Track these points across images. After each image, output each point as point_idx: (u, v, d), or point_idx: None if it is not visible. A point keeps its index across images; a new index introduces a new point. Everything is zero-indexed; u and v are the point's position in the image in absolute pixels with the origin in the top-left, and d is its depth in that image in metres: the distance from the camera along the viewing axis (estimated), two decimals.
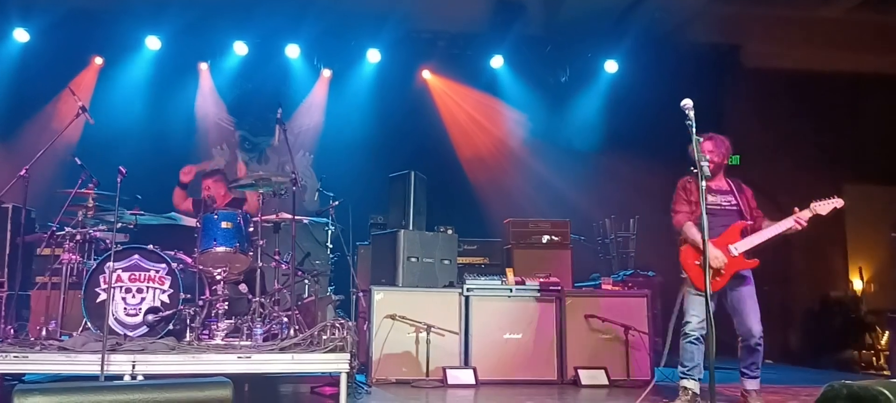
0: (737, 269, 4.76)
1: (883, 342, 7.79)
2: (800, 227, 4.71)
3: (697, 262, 4.64)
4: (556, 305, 6.30)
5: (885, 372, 7.28)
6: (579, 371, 6.07)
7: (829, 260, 8.80)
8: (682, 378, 4.84)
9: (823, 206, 4.70)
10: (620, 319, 6.21)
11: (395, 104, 9.04)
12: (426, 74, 9.32)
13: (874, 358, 7.86)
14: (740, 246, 4.75)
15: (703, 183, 3.87)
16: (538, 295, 6.33)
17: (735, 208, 4.91)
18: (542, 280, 6.39)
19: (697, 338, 4.74)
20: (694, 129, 4.07)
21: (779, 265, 4.92)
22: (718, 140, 4.92)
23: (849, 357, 7.90)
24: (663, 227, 5.12)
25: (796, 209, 4.73)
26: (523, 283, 6.38)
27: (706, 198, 4.75)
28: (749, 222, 4.86)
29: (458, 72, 9.26)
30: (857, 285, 8.86)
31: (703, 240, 3.88)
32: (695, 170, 3.93)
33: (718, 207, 4.88)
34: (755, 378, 4.93)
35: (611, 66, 9.11)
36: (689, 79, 7.57)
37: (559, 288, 6.36)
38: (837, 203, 4.70)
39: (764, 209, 5.02)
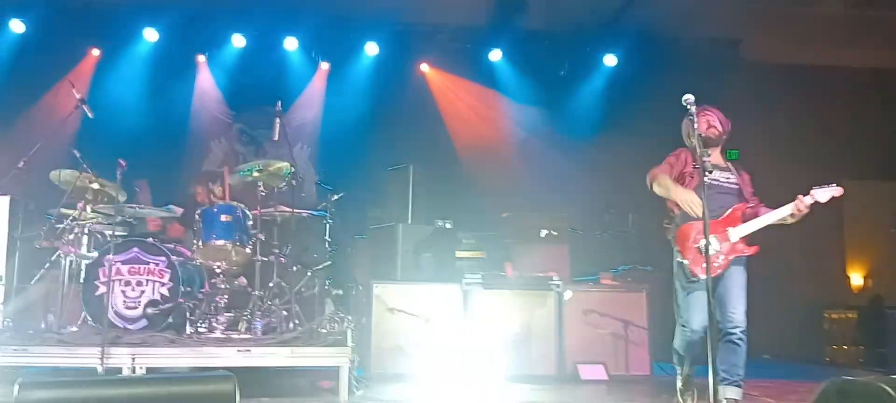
0: (735, 255, 4.43)
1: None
2: (800, 213, 4.41)
3: (696, 245, 4.26)
4: (555, 299, 6.31)
5: (884, 369, 7.31)
6: (578, 365, 6.08)
7: (827, 255, 8.82)
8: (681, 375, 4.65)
9: (823, 193, 4.43)
10: (619, 314, 6.22)
11: (394, 97, 9.01)
12: (424, 68, 9.30)
13: (874, 355, 7.87)
14: (740, 231, 4.45)
15: (705, 178, 3.82)
16: (537, 288, 6.33)
17: (735, 187, 4.60)
18: (540, 273, 6.40)
19: (700, 340, 4.39)
20: (696, 125, 4.05)
21: (776, 260, 4.84)
22: (719, 113, 4.66)
23: (847, 353, 7.92)
24: (662, 222, 5.08)
25: (800, 196, 4.43)
26: (522, 277, 6.38)
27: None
28: (750, 205, 4.56)
29: (456, 65, 9.24)
30: (856, 280, 8.90)
31: (705, 227, 3.79)
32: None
33: (717, 183, 4.47)
34: (736, 384, 4.38)
35: (610, 60, 9.10)
36: (689, 74, 7.55)
37: (558, 282, 6.36)
38: (836, 191, 4.45)
39: (762, 203, 4.92)
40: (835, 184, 4.48)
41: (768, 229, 4.60)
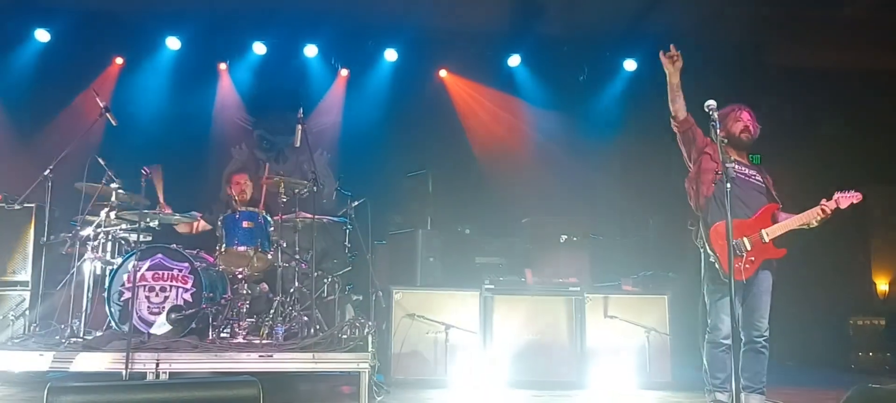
0: (766, 257, 4.41)
1: None
2: (824, 216, 4.41)
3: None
4: (576, 305, 6.28)
5: None
6: (599, 371, 6.05)
7: (853, 260, 8.70)
8: (713, 390, 4.47)
9: (845, 199, 4.42)
10: (640, 320, 6.18)
11: (413, 103, 9.04)
12: (443, 73, 9.32)
13: None
14: (772, 232, 4.42)
15: (729, 185, 3.79)
16: (557, 294, 6.31)
17: (763, 185, 4.58)
18: (560, 280, 6.37)
19: (730, 346, 4.28)
20: (718, 130, 4.02)
21: (801, 265, 4.76)
22: (752, 114, 4.66)
23: (873, 360, 7.80)
24: (683, 227, 5.04)
25: (824, 200, 4.44)
26: (542, 283, 6.37)
27: (733, 164, 4.32)
28: (779, 205, 4.54)
29: (475, 71, 9.24)
30: (882, 286, 8.75)
31: (728, 229, 3.78)
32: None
33: (744, 177, 4.50)
34: (760, 392, 4.43)
35: (630, 65, 9.06)
36: (711, 78, 7.50)
37: (578, 287, 6.33)
38: (855, 198, 4.45)
39: (785, 209, 4.85)
40: (855, 191, 4.47)
41: (793, 234, 4.57)
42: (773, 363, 4.68)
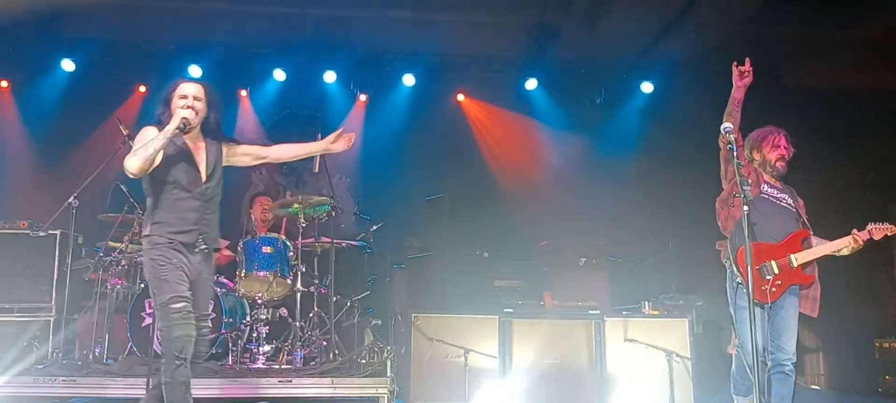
0: (793, 283, 4.39)
1: None
2: (857, 246, 4.45)
3: (758, 267, 4.23)
4: (595, 329, 6.23)
5: None
6: (620, 396, 5.99)
7: (877, 280, 8.56)
8: (737, 395, 4.54)
9: (878, 230, 4.45)
10: (661, 343, 6.11)
11: (431, 127, 9.11)
12: (461, 97, 9.38)
13: None
14: (801, 258, 4.39)
15: (746, 207, 3.77)
16: (576, 318, 6.27)
17: (793, 210, 4.55)
18: (580, 303, 6.33)
19: (761, 363, 4.16)
20: (735, 153, 4.01)
21: (824, 286, 4.70)
22: (787, 138, 4.64)
23: None
24: (703, 249, 5.01)
25: (855, 230, 4.46)
26: (561, 306, 6.33)
27: (762, 187, 4.44)
28: (810, 232, 4.51)
29: (492, 95, 9.30)
30: None
31: (747, 251, 3.76)
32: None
33: (775, 199, 4.50)
34: None
35: (647, 88, 9.06)
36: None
37: (597, 311, 6.29)
38: (889, 229, 4.46)
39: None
40: (888, 223, 4.46)
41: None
42: (798, 386, 4.62)
